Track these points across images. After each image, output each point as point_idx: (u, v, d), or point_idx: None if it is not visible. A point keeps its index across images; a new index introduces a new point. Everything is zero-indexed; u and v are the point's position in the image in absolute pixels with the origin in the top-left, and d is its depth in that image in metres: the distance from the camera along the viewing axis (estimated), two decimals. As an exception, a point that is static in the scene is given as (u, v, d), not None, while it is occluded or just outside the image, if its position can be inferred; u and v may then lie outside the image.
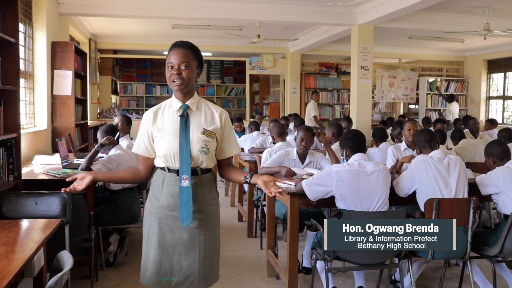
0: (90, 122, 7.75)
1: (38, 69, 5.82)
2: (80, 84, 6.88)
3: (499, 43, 10.00)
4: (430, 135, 3.48)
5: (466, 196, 3.24)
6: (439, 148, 3.46)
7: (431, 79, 11.78)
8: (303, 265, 4.06)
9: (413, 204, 3.34)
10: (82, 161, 4.02)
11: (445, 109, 11.32)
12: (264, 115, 11.69)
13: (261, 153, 4.76)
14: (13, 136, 3.33)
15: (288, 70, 11.22)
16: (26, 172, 4.11)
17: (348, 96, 10.41)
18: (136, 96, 14.01)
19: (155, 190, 2.34)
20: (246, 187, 5.83)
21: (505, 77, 11.11)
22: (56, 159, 4.60)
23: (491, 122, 7.83)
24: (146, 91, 14.02)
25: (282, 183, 3.58)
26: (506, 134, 5.53)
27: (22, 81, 5.31)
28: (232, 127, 2.44)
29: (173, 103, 2.32)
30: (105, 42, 10.26)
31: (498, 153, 3.44)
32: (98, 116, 10.15)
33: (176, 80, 2.23)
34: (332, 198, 3.16)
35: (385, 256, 3.10)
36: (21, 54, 5.24)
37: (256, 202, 5.02)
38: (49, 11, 5.97)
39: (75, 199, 3.33)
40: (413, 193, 3.31)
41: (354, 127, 7.24)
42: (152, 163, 2.38)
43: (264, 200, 4.20)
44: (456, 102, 11.23)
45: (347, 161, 3.26)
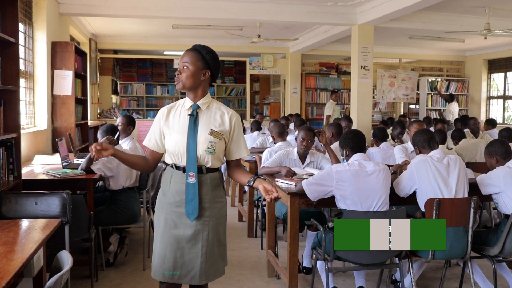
0: (90, 122, 7.74)
1: (38, 69, 5.82)
2: (80, 84, 6.88)
3: (500, 43, 9.99)
4: (429, 135, 3.48)
5: (466, 195, 3.23)
6: (438, 148, 3.46)
7: (432, 79, 11.78)
8: (304, 265, 4.06)
9: (413, 204, 3.34)
10: (82, 161, 4.01)
11: (445, 109, 11.31)
12: (264, 115, 11.69)
13: (261, 153, 4.75)
14: (13, 136, 3.33)
15: (289, 70, 11.22)
16: (26, 172, 4.10)
17: (349, 96, 10.42)
18: (136, 96, 14.00)
19: (164, 187, 2.45)
20: (246, 187, 5.83)
21: (505, 77, 11.10)
22: (56, 159, 4.59)
23: (489, 123, 7.81)
24: (147, 91, 14.02)
25: (282, 181, 3.58)
26: (507, 134, 5.52)
27: (22, 81, 5.31)
28: (242, 130, 2.48)
29: (186, 102, 2.44)
30: (105, 42, 10.26)
31: (501, 152, 3.43)
32: (99, 116, 10.15)
33: (176, 80, 2.40)
34: (332, 198, 3.16)
35: (385, 256, 3.10)
36: (21, 54, 5.24)
37: (256, 202, 5.01)
38: (49, 11, 5.97)
39: (75, 199, 3.32)
40: (413, 193, 3.30)
41: (355, 127, 7.23)
42: (159, 158, 2.51)
43: (265, 200, 4.20)
44: (456, 102, 11.21)
45: (347, 161, 3.25)
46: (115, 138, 4.16)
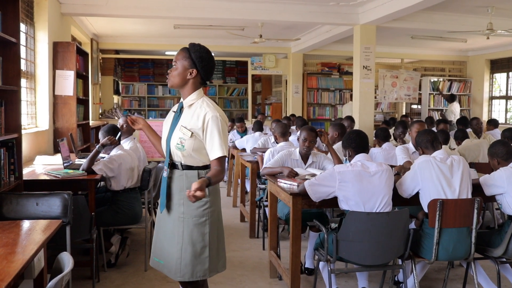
0: (92, 123, 7.73)
1: (39, 69, 5.81)
2: (82, 84, 6.87)
3: (502, 42, 9.96)
4: (432, 136, 3.45)
5: (470, 196, 3.21)
6: (441, 148, 3.44)
7: (434, 79, 11.75)
8: (306, 266, 4.04)
9: (416, 204, 3.32)
10: (84, 161, 4.00)
11: (447, 109, 11.28)
12: (266, 115, 11.67)
13: (264, 153, 4.73)
14: (14, 137, 3.32)
15: (290, 70, 11.20)
16: (27, 172, 4.10)
17: (351, 96, 10.40)
18: (138, 96, 14.00)
19: None
20: (248, 187, 5.81)
21: (508, 77, 11.07)
22: (57, 159, 4.58)
23: (491, 123, 7.77)
24: (148, 91, 14.01)
25: (284, 181, 3.57)
26: (510, 134, 5.49)
27: (23, 81, 5.30)
28: (220, 130, 2.38)
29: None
30: (107, 42, 10.25)
31: (502, 153, 3.41)
32: (100, 116, 10.14)
33: (167, 78, 2.51)
34: (335, 199, 3.14)
35: (388, 257, 3.08)
36: (23, 54, 5.23)
37: (258, 202, 5.00)
38: (51, 11, 5.96)
39: (77, 200, 3.31)
40: (417, 193, 3.28)
41: (356, 127, 7.22)
42: None
43: (266, 201, 4.18)
44: (457, 102, 11.18)
45: (349, 161, 3.23)
46: (117, 138, 4.16)
